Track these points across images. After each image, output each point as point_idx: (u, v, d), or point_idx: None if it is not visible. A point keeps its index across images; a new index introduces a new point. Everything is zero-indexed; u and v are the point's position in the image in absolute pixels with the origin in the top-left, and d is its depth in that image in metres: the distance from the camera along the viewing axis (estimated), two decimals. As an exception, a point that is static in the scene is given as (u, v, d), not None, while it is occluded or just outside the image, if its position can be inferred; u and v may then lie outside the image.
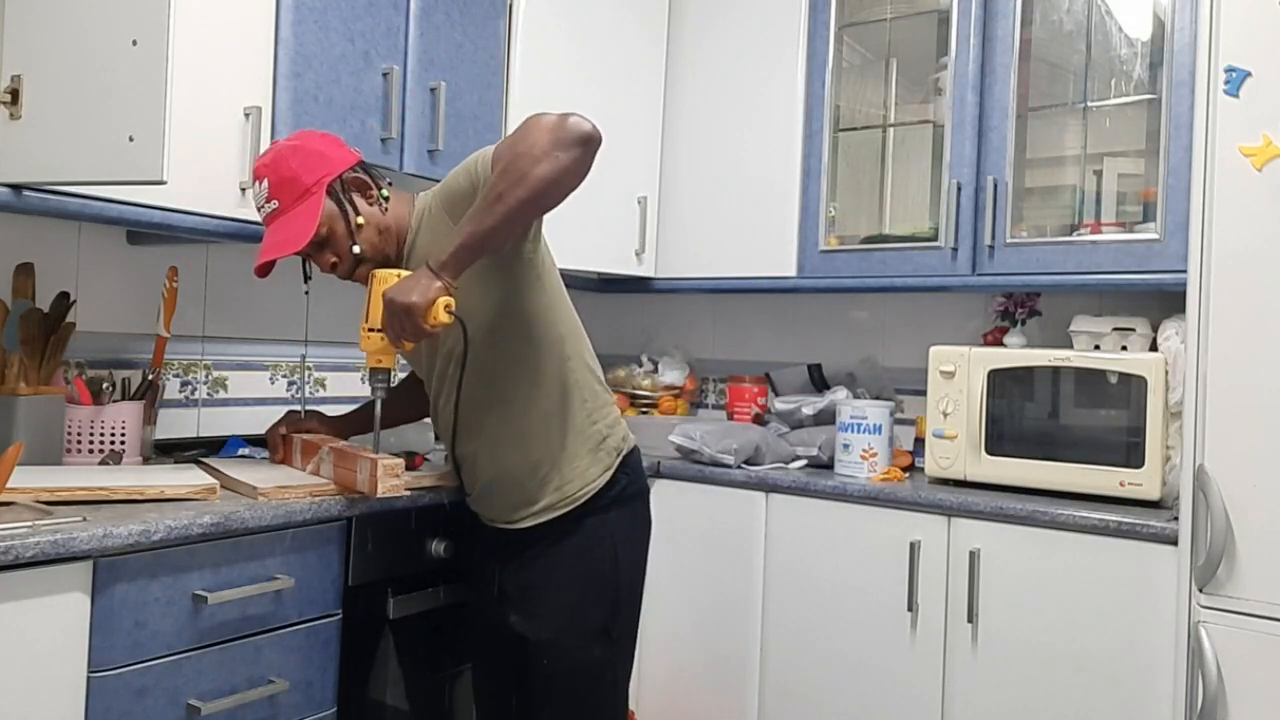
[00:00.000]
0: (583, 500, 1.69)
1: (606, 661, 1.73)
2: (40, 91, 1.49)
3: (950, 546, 2.07)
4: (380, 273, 1.58)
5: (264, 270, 1.63)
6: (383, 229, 1.66)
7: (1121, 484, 2.02)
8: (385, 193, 1.68)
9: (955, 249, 2.36)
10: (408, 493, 1.73)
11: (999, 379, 2.19)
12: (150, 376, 1.97)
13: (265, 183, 1.62)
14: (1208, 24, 1.77)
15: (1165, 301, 2.22)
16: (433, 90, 2.16)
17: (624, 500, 1.74)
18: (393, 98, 2.06)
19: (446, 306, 1.48)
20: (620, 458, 1.74)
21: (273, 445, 1.95)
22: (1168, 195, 2.10)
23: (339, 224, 1.63)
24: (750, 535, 2.33)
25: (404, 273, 1.54)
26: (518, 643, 1.70)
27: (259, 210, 1.65)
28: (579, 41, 2.53)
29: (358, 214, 1.63)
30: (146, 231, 1.85)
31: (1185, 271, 1.82)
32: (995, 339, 2.49)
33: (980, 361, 2.20)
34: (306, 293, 1.77)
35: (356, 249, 1.63)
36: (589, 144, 1.49)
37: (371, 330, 1.57)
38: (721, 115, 2.73)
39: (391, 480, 1.63)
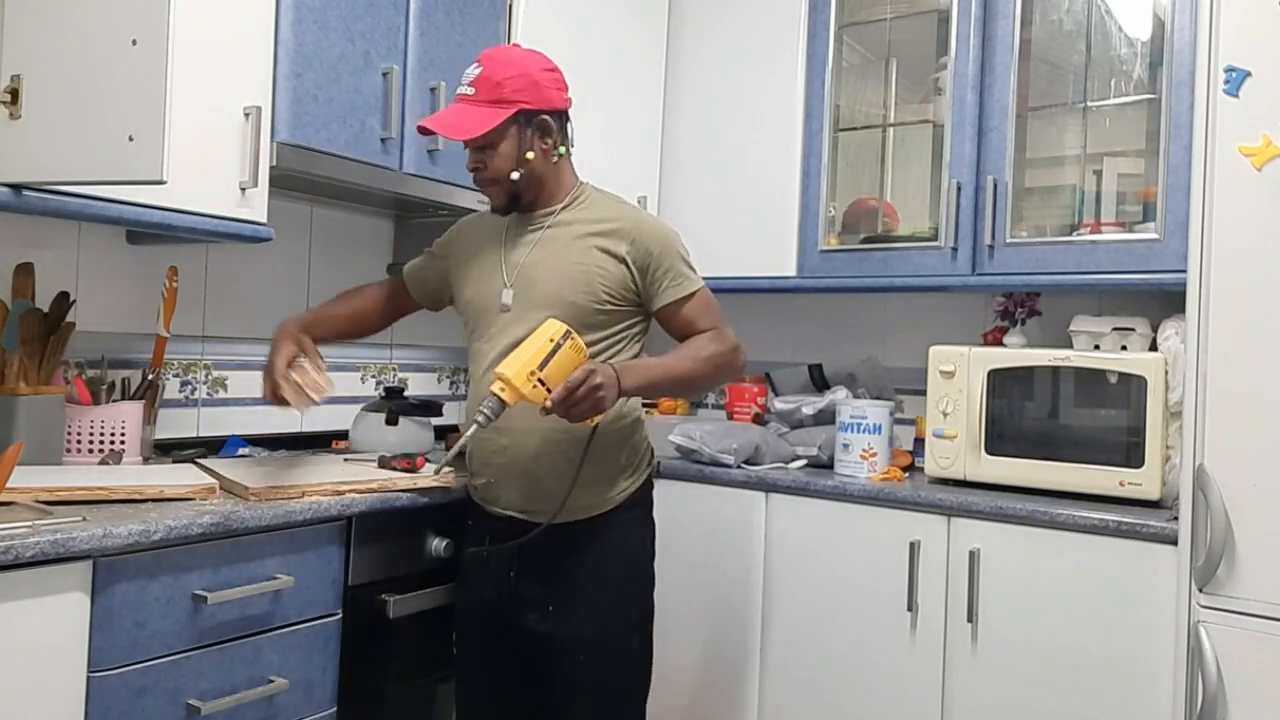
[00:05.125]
0: (619, 500, 1.73)
1: (641, 653, 1.77)
2: (40, 91, 1.49)
3: (950, 546, 2.07)
4: (579, 340, 1.57)
5: (423, 131, 1.72)
6: (539, 176, 1.73)
7: (1121, 484, 2.02)
8: (562, 150, 1.76)
9: (955, 249, 2.36)
10: (312, 398, 1.71)
11: (999, 379, 2.19)
12: (150, 376, 1.97)
13: (479, 70, 1.70)
14: (1208, 24, 1.77)
15: (1165, 301, 2.22)
16: (433, 90, 2.16)
17: (649, 499, 1.81)
18: (393, 98, 2.06)
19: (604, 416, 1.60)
20: (652, 458, 1.84)
21: (283, 350, 1.76)
22: (1168, 195, 2.10)
23: (511, 146, 1.69)
24: (750, 535, 2.33)
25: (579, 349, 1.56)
26: (540, 642, 1.70)
27: (460, 86, 1.72)
28: (579, 41, 2.53)
29: (529, 150, 1.70)
30: (146, 231, 1.85)
31: (1185, 271, 1.82)
32: (995, 339, 2.49)
33: (980, 361, 2.20)
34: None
35: (515, 175, 1.70)
36: None
37: (541, 382, 1.52)
38: (721, 115, 2.73)
39: (310, 377, 1.68)
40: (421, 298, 1.95)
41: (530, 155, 1.70)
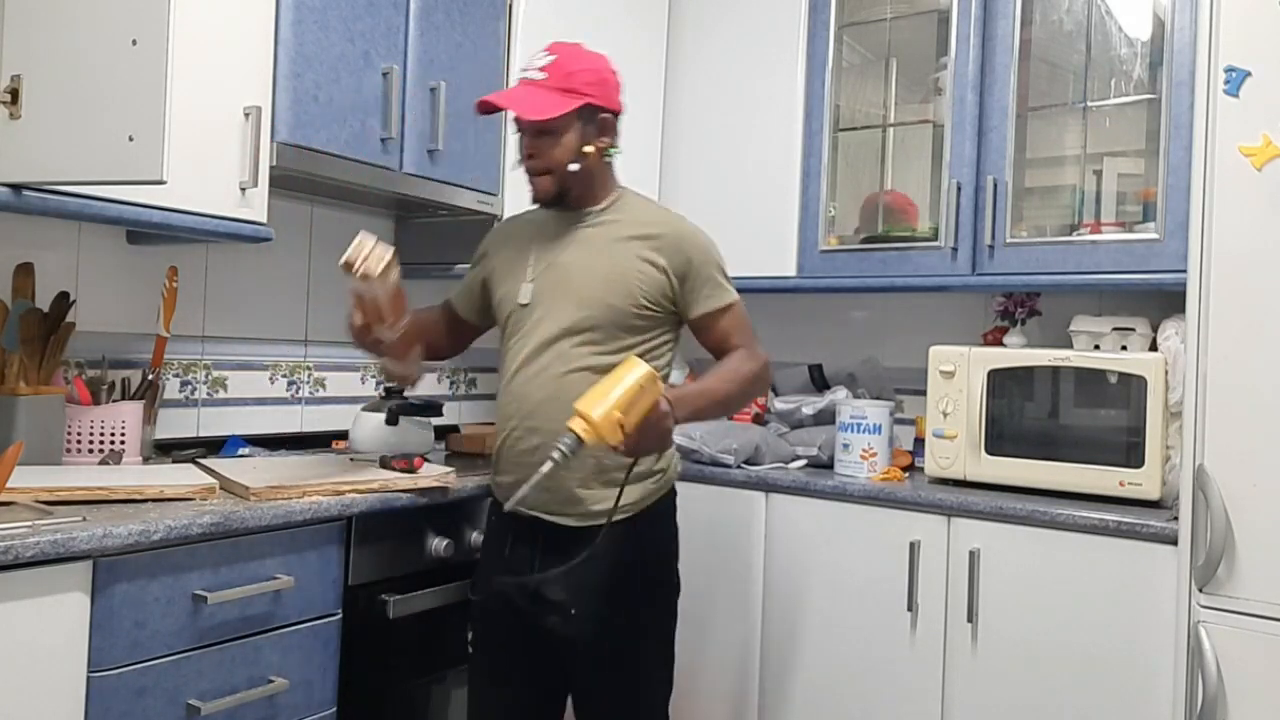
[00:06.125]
0: (645, 505, 1.71)
1: (663, 661, 1.76)
2: (40, 91, 1.49)
3: (950, 546, 2.07)
4: (659, 382, 1.52)
5: (484, 108, 1.72)
6: (589, 174, 1.73)
7: (1121, 484, 2.02)
8: (614, 152, 1.77)
9: (955, 249, 2.36)
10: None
11: (999, 379, 2.19)
12: (150, 376, 1.97)
13: (552, 57, 1.70)
14: (1208, 24, 1.77)
15: (1165, 301, 2.22)
16: (433, 90, 2.16)
17: (673, 505, 1.81)
18: (393, 98, 2.06)
19: None
20: (677, 464, 1.83)
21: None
22: (1168, 195, 2.10)
23: (572, 137, 1.69)
24: (750, 535, 2.33)
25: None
26: (559, 645, 1.69)
27: (525, 69, 1.72)
28: (579, 41, 2.52)
29: (588, 144, 1.71)
30: (146, 231, 1.85)
31: (1185, 271, 1.82)
32: (995, 339, 2.49)
33: (980, 361, 2.20)
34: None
35: (573, 167, 1.70)
36: None
37: (622, 426, 1.45)
38: (721, 115, 2.73)
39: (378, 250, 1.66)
40: (470, 315, 1.92)
41: (588, 150, 1.70)
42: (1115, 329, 2.22)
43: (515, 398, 1.71)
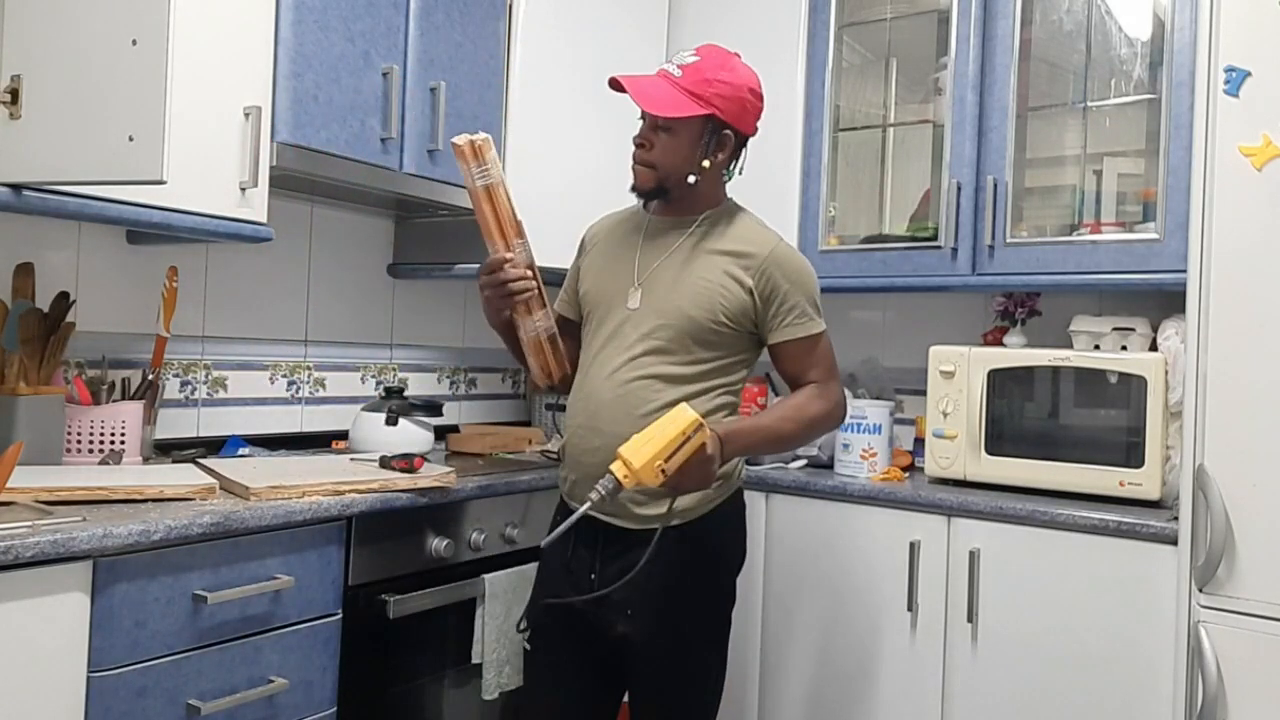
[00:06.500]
0: (708, 509, 1.69)
1: (718, 664, 1.74)
2: (40, 91, 1.49)
3: (950, 546, 2.07)
4: (706, 429, 1.51)
5: (615, 84, 1.68)
6: (703, 187, 1.72)
7: (1121, 484, 2.02)
8: (730, 174, 1.77)
9: (955, 249, 2.36)
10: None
11: (999, 379, 2.19)
12: (150, 376, 1.97)
13: (696, 59, 1.68)
14: (1208, 24, 1.77)
15: (1165, 301, 2.22)
16: (433, 90, 2.16)
17: (740, 509, 1.78)
18: (393, 98, 2.06)
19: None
20: (741, 469, 1.80)
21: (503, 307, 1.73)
22: (1168, 195, 2.10)
23: (686, 144, 1.68)
24: (750, 535, 2.32)
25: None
26: (616, 645, 1.67)
27: (668, 60, 1.71)
28: (579, 42, 2.53)
29: (706, 158, 1.69)
30: (146, 231, 1.85)
31: (1185, 271, 1.82)
32: (995, 339, 2.49)
33: (980, 361, 2.20)
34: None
35: (692, 179, 1.69)
36: None
37: (664, 472, 1.47)
38: (721, 115, 2.73)
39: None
40: (570, 313, 1.87)
41: (706, 164, 1.69)
42: (1115, 329, 2.22)
43: (585, 396, 1.71)
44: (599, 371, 1.70)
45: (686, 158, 1.68)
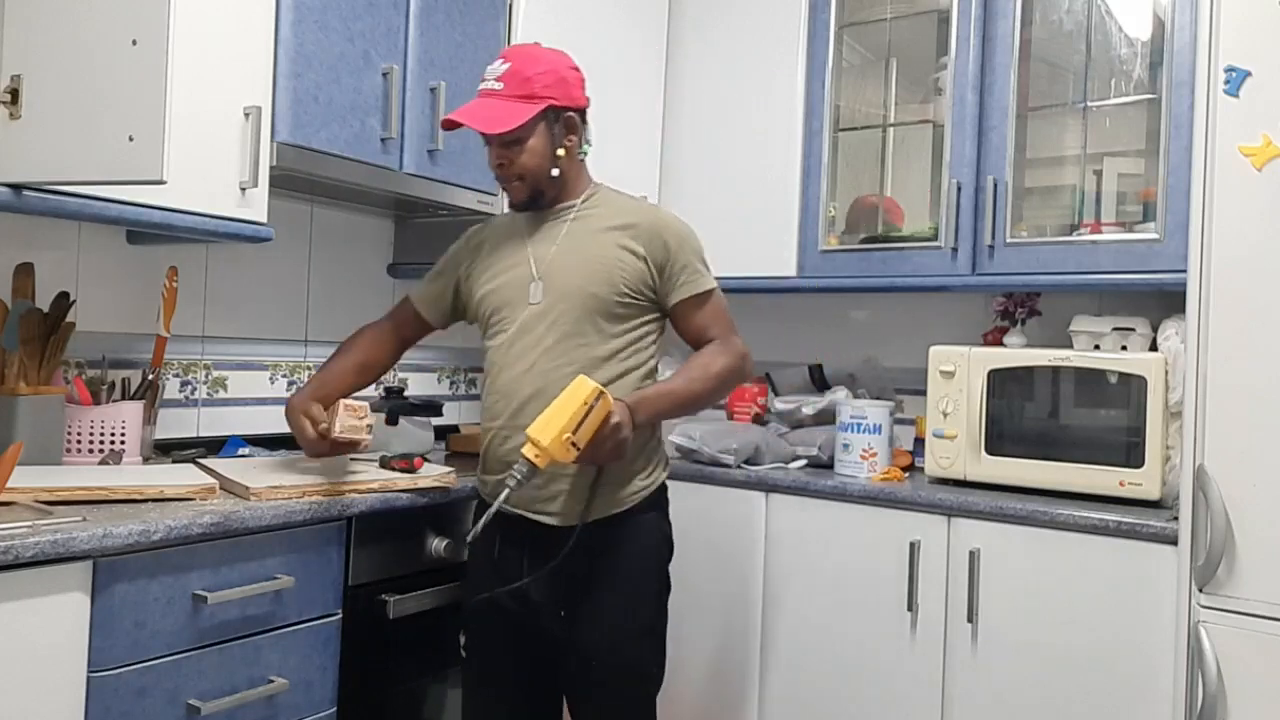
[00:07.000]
0: (634, 502, 1.71)
1: (655, 659, 1.76)
2: (40, 91, 1.49)
3: (950, 546, 2.07)
4: (609, 396, 1.54)
5: (449, 125, 1.72)
6: (563, 173, 1.75)
7: (1121, 484, 2.02)
8: (586, 149, 1.78)
9: (955, 249, 2.36)
10: (367, 437, 1.75)
11: (999, 379, 2.19)
12: (150, 376, 1.97)
13: (507, 65, 1.71)
14: (1208, 24, 1.77)
15: (1165, 301, 2.22)
16: (433, 90, 2.16)
17: (664, 500, 1.80)
18: (393, 98, 2.06)
19: None
20: (667, 461, 1.83)
21: (304, 425, 1.78)
22: (1168, 195, 2.10)
23: (540, 141, 1.70)
24: (750, 535, 2.33)
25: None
26: (551, 645, 1.70)
27: (483, 80, 1.73)
28: (579, 41, 2.51)
29: (559, 146, 1.72)
30: (146, 231, 1.85)
31: (1185, 271, 1.82)
32: (995, 339, 2.49)
33: (980, 361, 2.20)
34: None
35: (555, 172, 1.72)
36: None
37: (574, 445, 1.51)
38: (722, 115, 2.73)
39: (351, 420, 1.70)
40: (434, 318, 1.92)
41: (561, 152, 1.72)
42: (1115, 329, 2.22)
43: (502, 396, 1.71)
44: (515, 369, 1.71)
45: (546, 155, 1.71)
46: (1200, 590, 1.74)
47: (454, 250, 1.92)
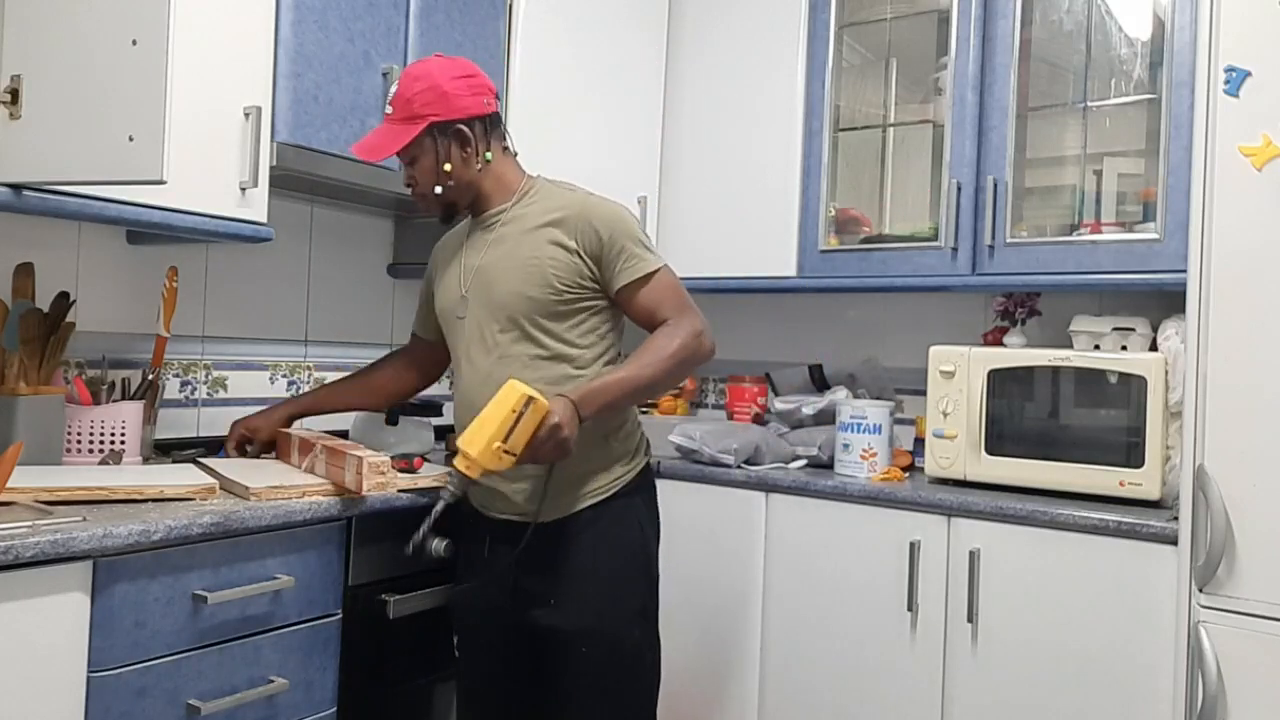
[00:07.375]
0: (616, 488, 1.72)
1: (646, 643, 1.76)
2: (40, 91, 1.49)
3: (950, 546, 2.07)
4: (541, 400, 1.52)
5: (361, 156, 1.73)
6: (468, 183, 1.74)
7: (1121, 484, 2.02)
8: (489, 155, 1.75)
9: (955, 249, 2.36)
10: (396, 491, 1.74)
11: (999, 379, 2.19)
12: (150, 376, 1.97)
13: (395, 89, 1.72)
14: (1208, 24, 1.77)
15: (1165, 301, 2.22)
16: (433, 90, 2.16)
17: (649, 485, 1.80)
18: (393, 98, 2.06)
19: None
20: (648, 446, 1.83)
21: (232, 441, 1.98)
22: (1168, 195, 2.10)
23: (429, 160, 1.71)
24: (750, 535, 2.33)
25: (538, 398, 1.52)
26: (545, 637, 1.70)
27: (384, 106, 1.76)
28: (579, 41, 2.53)
29: (446, 161, 1.71)
30: (146, 231, 1.85)
31: (1185, 271, 1.82)
32: (995, 339, 2.49)
33: (980, 361, 2.20)
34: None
35: (438, 190, 1.72)
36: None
37: (508, 452, 1.51)
38: (721, 115, 2.73)
39: (376, 478, 1.65)
40: (433, 336, 1.94)
41: (448, 167, 1.71)
42: (1115, 329, 2.22)
43: (465, 406, 1.73)
44: (471, 379, 1.73)
45: (433, 171, 1.72)
46: (1200, 590, 1.74)
47: (427, 269, 1.96)
